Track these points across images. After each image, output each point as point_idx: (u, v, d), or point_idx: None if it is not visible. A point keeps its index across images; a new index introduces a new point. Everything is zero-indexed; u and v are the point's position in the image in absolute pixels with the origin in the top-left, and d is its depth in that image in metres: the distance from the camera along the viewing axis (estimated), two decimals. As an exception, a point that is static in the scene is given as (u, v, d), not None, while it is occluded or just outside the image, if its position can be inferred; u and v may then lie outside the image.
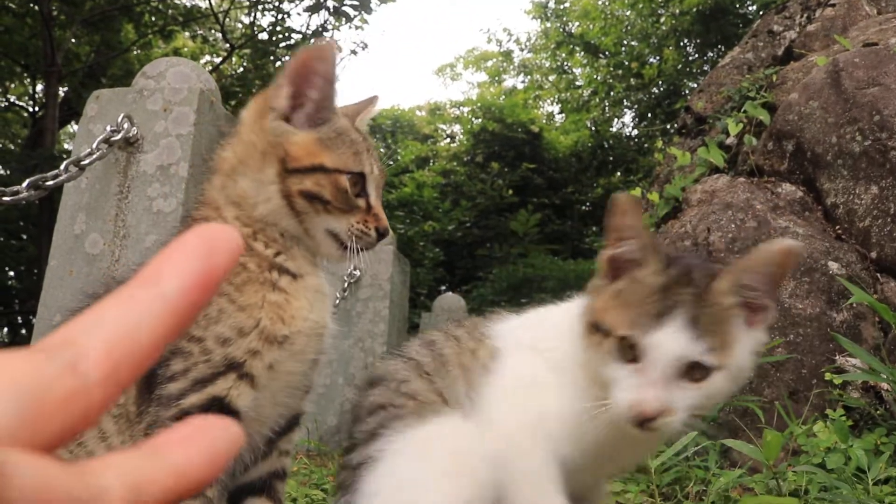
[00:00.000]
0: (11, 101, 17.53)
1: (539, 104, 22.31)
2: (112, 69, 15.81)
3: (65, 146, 16.60)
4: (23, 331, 16.57)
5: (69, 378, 0.33)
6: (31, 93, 17.02)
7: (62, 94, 15.13)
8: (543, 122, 20.62)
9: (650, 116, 18.19)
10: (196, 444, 0.36)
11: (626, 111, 19.82)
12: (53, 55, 13.43)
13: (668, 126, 15.07)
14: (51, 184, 2.68)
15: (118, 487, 0.33)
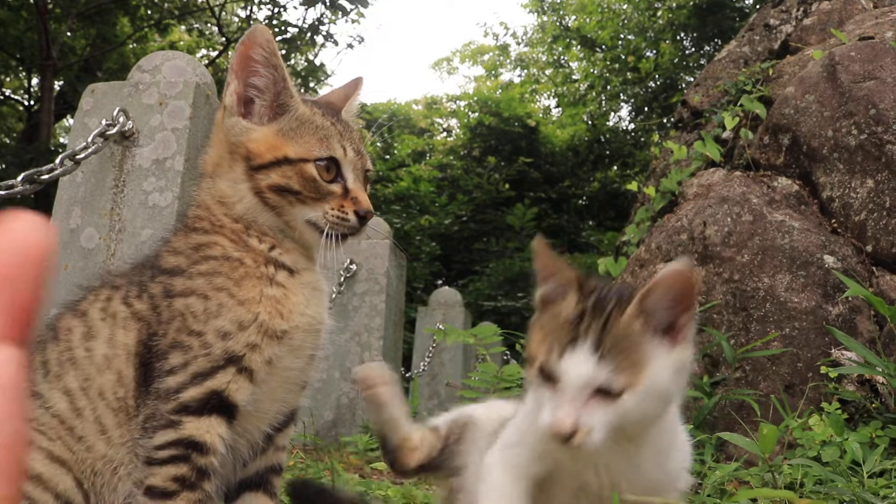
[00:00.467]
0: (7, 95, 17.48)
1: (535, 98, 22.30)
2: (108, 63, 15.77)
3: (60, 140, 16.54)
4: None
5: None
6: (27, 87, 16.98)
7: (58, 88, 15.09)
8: (540, 117, 20.62)
9: (647, 110, 18.20)
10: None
11: (623, 105, 19.85)
12: (49, 49, 13.38)
13: (665, 120, 15.09)
14: (46, 178, 2.67)
15: None
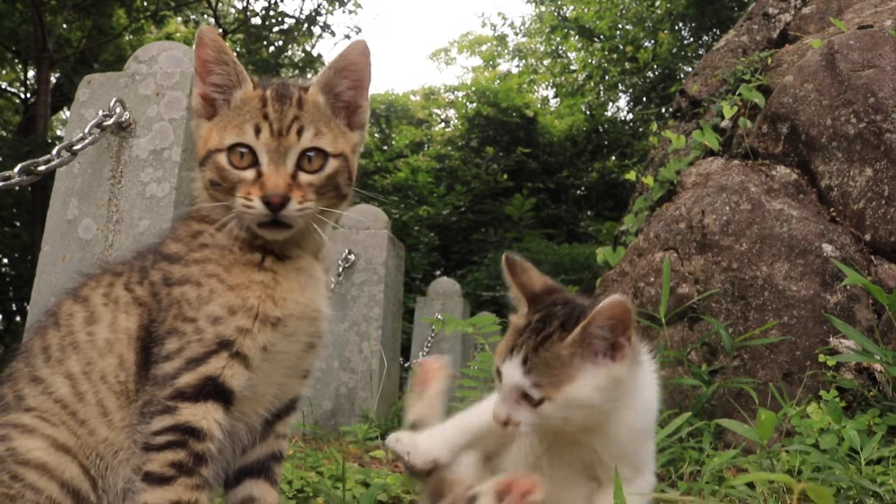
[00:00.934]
0: (3, 88, 17.43)
1: (534, 88, 22.24)
2: (104, 55, 15.71)
3: (57, 132, 16.51)
4: (17, 318, 16.55)
5: None
6: (23, 79, 16.92)
7: (54, 80, 15.03)
8: (538, 107, 20.58)
9: (645, 100, 18.15)
10: None
11: (621, 95, 19.77)
12: (45, 41, 13.32)
13: (663, 110, 15.06)
14: (43, 169, 2.66)
15: None
